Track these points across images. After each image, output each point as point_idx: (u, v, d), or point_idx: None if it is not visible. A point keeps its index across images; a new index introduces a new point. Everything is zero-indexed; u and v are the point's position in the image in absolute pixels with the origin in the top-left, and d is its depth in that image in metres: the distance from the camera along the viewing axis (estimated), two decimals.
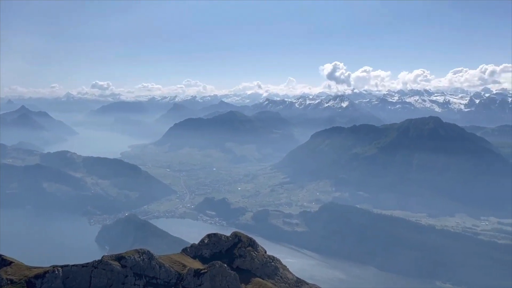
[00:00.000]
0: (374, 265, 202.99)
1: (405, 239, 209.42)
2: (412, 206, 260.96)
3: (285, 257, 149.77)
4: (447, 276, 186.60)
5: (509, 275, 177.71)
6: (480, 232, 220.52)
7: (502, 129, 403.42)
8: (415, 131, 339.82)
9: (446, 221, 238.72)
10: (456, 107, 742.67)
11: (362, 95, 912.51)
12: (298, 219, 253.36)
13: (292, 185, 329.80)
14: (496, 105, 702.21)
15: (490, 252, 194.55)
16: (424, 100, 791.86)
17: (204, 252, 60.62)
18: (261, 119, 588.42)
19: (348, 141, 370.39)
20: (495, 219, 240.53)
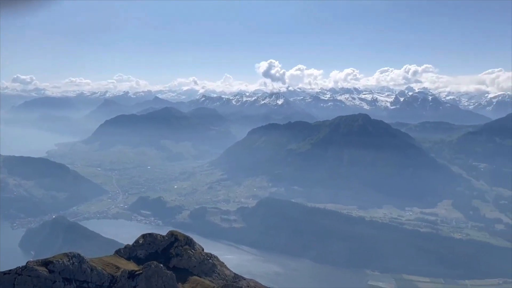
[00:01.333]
0: (309, 257, 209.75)
1: (337, 231, 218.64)
2: (344, 199, 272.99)
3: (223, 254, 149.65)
4: (375, 264, 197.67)
5: (430, 261, 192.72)
6: (405, 222, 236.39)
7: (423, 125, 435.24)
8: (345, 128, 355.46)
9: (375, 213, 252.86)
10: (383, 105, 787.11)
11: (297, 92, 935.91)
12: (236, 215, 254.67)
13: (229, 182, 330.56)
14: (418, 103, 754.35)
15: (414, 240, 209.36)
16: (354, 98, 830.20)
17: (139, 253, 58.66)
18: (197, 115, 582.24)
19: (283, 138, 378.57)
20: (418, 209, 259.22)
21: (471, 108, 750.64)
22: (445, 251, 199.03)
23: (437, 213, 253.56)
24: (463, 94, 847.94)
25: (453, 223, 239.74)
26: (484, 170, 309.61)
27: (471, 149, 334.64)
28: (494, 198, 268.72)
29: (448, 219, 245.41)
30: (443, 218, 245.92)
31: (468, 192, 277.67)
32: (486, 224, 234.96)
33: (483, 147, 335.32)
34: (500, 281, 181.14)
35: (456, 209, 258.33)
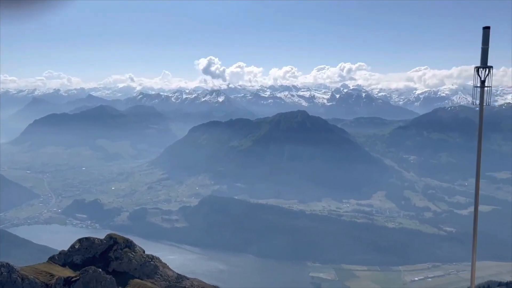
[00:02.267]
0: (253, 252, 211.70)
1: (279, 225, 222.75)
2: (285, 194, 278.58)
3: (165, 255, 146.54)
4: (316, 256, 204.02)
5: (367, 250, 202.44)
6: (343, 214, 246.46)
7: (358, 121, 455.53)
8: (285, 124, 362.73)
9: (315, 206, 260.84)
10: (320, 102, 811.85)
11: (237, 90, 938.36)
12: (178, 215, 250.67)
13: (170, 181, 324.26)
14: (352, 99, 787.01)
15: (351, 231, 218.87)
16: (293, 95, 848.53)
17: (75, 259, 55.54)
18: (135, 113, 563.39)
19: (225, 135, 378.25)
20: (355, 201, 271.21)
21: (401, 104, 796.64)
22: (380, 240, 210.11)
23: (372, 204, 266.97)
24: (393, 91, 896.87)
25: (387, 213, 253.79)
26: (413, 162, 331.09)
27: (402, 143, 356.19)
28: (423, 188, 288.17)
29: (382, 209, 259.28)
30: (378, 209, 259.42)
31: (399, 183, 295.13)
32: (416, 212, 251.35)
33: (412, 141, 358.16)
34: (430, 265, 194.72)
35: (389, 199, 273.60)
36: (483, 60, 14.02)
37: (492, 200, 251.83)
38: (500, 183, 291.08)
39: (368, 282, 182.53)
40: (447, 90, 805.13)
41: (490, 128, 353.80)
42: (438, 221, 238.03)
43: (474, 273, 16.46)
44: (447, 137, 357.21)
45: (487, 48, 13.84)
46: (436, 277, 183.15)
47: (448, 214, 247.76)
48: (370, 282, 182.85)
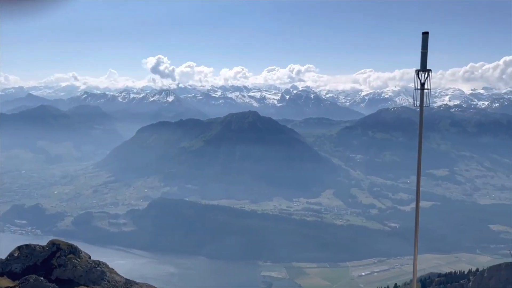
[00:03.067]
0: (204, 254, 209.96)
1: (231, 226, 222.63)
2: (237, 194, 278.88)
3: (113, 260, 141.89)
4: (267, 255, 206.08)
5: (317, 248, 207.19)
6: (293, 212, 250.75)
7: (307, 121, 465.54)
8: (236, 125, 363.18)
9: (266, 205, 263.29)
10: (270, 102, 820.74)
11: (187, 90, 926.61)
12: (126, 218, 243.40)
13: (117, 184, 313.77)
14: (302, 100, 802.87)
15: (301, 229, 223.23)
16: (244, 96, 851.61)
17: (15, 267, 52.22)
18: (79, 113, 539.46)
19: (175, 136, 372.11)
20: (305, 199, 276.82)
21: (348, 105, 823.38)
22: (329, 237, 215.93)
23: (321, 202, 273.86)
24: (340, 92, 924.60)
25: (335, 210, 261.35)
26: (359, 160, 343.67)
27: (349, 142, 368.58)
28: (369, 185, 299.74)
29: (331, 207, 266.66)
30: (327, 207, 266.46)
31: (347, 182, 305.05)
32: (362, 209, 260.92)
33: (358, 140, 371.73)
34: (376, 260, 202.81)
35: (337, 197, 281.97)
36: (422, 63, 14.65)
37: (432, 196, 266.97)
38: (439, 180, 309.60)
39: (317, 279, 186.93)
40: (391, 92, 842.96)
41: (430, 128, 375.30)
42: (383, 217, 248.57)
43: (416, 267, 17.23)
44: (390, 136, 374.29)
45: (426, 52, 14.48)
46: (382, 271, 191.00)
47: (392, 211, 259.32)
48: (320, 279, 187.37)
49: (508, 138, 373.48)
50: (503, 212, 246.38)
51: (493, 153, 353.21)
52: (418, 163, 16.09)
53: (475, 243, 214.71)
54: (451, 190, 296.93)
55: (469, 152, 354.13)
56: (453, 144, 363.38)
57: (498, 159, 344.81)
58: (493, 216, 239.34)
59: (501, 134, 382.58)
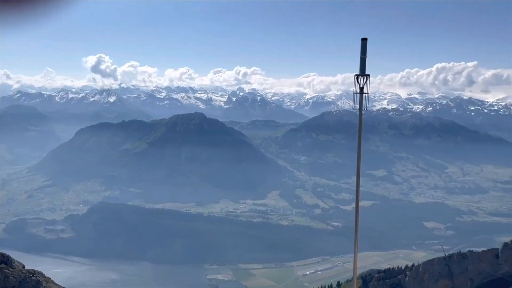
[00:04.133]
0: (148, 259, 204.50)
1: (176, 230, 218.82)
2: (183, 197, 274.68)
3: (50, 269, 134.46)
4: (214, 258, 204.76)
5: (263, 249, 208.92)
6: (240, 214, 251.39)
7: (253, 124, 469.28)
8: (182, 126, 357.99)
9: (212, 208, 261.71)
10: (217, 104, 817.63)
11: (130, 90, 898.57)
12: (64, 224, 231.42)
13: (54, 188, 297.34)
14: (248, 102, 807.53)
15: (248, 230, 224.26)
16: (190, 97, 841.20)
17: None
18: (11, 114, 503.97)
19: (117, 137, 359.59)
20: (251, 201, 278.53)
21: (293, 107, 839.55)
22: (275, 237, 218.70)
23: (267, 204, 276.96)
24: (286, 95, 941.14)
25: (281, 211, 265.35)
26: (304, 162, 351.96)
27: (293, 144, 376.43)
28: (313, 186, 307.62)
29: (277, 208, 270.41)
30: (272, 208, 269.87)
31: (292, 183, 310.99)
32: (307, 210, 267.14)
33: (302, 142, 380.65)
34: (319, 259, 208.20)
35: (283, 198, 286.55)
36: (361, 68, 15.13)
37: (371, 196, 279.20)
38: (378, 180, 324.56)
39: (263, 280, 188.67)
40: (333, 96, 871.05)
41: (369, 131, 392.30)
42: (326, 217, 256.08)
43: (356, 264, 17.82)
44: (333, 138, 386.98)
45: (365, 57, 14.99)
46: (325, 269, 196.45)
47: (335, 210, 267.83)
48: (266, 279, 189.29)
49: (440, 140, 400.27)
50: (436, 209, 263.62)
51: (427, 154, 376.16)
52: (358, 164, 16.68)
53: (411, 240, 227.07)
54: (389, 189, 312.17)
55: (405, 153, 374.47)
56: (390, 146, 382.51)
57: (431, 160, 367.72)
58: (427, 213, 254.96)
59: (434, 136, 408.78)
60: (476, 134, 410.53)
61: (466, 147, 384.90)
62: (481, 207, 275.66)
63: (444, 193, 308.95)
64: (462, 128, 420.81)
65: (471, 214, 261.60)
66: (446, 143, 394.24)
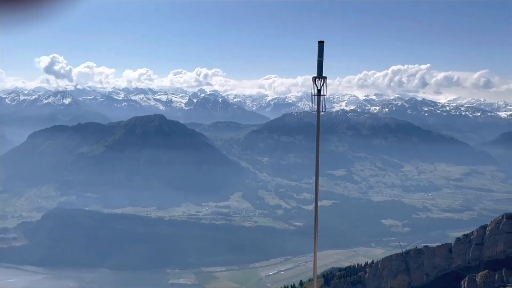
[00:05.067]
0: (108, 266, 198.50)
1: (136, 235, 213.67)
2: (143, 201, 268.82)
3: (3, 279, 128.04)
4: (176, 262, 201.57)
5: (226, 251, 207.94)
6: (202, 217, 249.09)
7: (215, 125, 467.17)
8: (141, 128, 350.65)
9: (174, 211, 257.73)
10: (178, 106, 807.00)
11: (86, 91, 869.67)
12: (16, 232, 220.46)
13: (6, 195, 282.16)
14: (210, 104, 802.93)
15: (210, 233, 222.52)
16: (149, 99, 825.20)
17: None
18: None
19: (73, 141, 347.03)
20: (214, 203, 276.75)
21: (254, 109, 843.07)
22: (238, 239, 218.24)
23: (230, 205, 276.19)
24: (247, 97, 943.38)
25: (244, 212, 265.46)
26: (266, 163, 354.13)
27: (256, 145, 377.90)
28: (275, 187, 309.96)
29: (239, 209, 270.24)
30: (235, 209, 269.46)
31: (254, 184, 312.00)
32: (269, 210, 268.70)
33: (264, 143, 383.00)
34: (282, 259, 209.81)
35: (246, 199, 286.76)
36: (319, 71, 15.25)
37: (331, 195, 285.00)
38: (338, 180, 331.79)
39: (226, 282, 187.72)
40: (294, 97, 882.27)
41: (329, 131, 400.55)
42: (289, 217, 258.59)
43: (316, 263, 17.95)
44: (294, 139, 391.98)
45: (322, 60, 15.11)
46: (288, 269, 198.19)
47: (296, 210, 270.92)
48: (229, 281, 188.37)
49: (396, 140, 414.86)
50: (393, 207, 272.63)
51: (384, 153, 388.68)
52: (316, 164, 16.81)
53: (370, 237, 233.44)
54: (349, 188, 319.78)
55: (363, 153, 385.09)
56: (349, 146, 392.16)
57: (388, 159, 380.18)
58: (384, 211, 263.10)
59: (390, 136, 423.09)
60: (429, 134, 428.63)
61: (420, 146, 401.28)
62: (435, 204, 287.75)
63: (401, 191, 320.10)
64: (416, 128, 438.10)
65: (426, 211, 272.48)
66: (401, 143, 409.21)
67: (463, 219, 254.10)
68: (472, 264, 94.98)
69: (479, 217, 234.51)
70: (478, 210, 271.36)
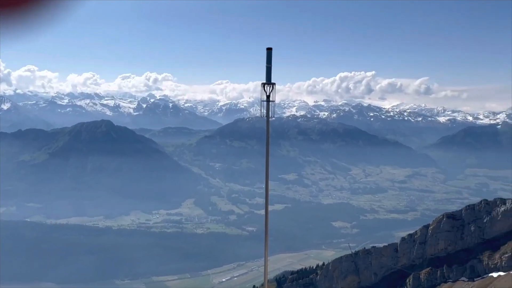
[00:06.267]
0: (52, 280, 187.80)
1: (83, 246, 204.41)
2: (90, 210, 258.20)
3: None
4: (125, 273, 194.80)
5: (177, 259, 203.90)
6: (153, 225, 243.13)
7: (166, 131, 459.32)
8: (87, 135, 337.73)
9: (123, 220, 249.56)
10: (126, 111, 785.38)
11: (27, 96, 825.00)
12: None
13: None
14: (160, 109, 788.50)
15: (161, 241, 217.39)
16: (95, 104, 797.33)
17: None
18: None
19: (12, 148, 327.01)
20: (165, 211, 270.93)
21: (206, 114, 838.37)
22: (189, 247, 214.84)
23: (182, 213, 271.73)
24: (199, 102, 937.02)
25: (196, 219, 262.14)
26: (219, 169, 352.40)
27: (208, 151, 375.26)
28: (228, 192, 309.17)
29: (191, 216, 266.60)
30: (187, 216, 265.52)
31: (207, 190, 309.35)
32: (222, 216, 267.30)
33: (217, 149, 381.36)
34: (235, 265, 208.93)
35: (198, 206, 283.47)
36: (267, 77, 15.39)
37: (283, 199, 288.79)
38: (289, 184, 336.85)
39: None
40: (246, 103, 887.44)
41: (280, 136, 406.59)
42: (241, 222, 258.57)
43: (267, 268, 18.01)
44: (246, 144, 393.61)
45: (270, 66, 15.28)
46: (241, 275, 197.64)
47: (249, 215, 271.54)
48: None
49: (345, 144, 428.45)
50: (342, 209, 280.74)
51: (333, 157, 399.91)
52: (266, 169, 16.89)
53: (321, 240, 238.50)
54: (300, 192, 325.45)
55: (313, 157, 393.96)
56: (300, 151, 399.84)
57: (337, 163, 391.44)
58: (334, 214, 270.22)
59: (338, 141, 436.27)
60: (375, 138, 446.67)
61: (367, 150, 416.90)
62: (382, 205, 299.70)
63: (349, 193, 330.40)
64: (363, 133, 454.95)
65: (373, 212, 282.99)
66: (349, 147, 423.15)
67: (407, 219, 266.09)
68: (416, 262, 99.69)
69: (422, 217, 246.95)
70: (421, 210, 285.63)
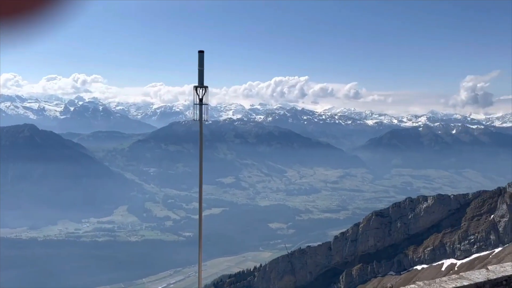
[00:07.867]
0: None
1: (4, 259, 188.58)
2: (11, 221, 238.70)
3: None
4: (53, 286, 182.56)
5: (110, 269, 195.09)
6: (82, 235, 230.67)
7: (96, 135, 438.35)
8: (8, 140, 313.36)
9: (49, 231, 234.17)
10: (52, 114, 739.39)
11: None
12: None
13: None
14: (89, 112, 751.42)
15: (92, 251, 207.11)
16: (17, 107, 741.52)
17: None
18: None
19: None
20: (95, 219, 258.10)
21: (139, 117, 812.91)
22: (123, 255, 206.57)
23: (114, 220, 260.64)
24: (131, 105, 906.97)
25: (129, 227, 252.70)
26: (153, 174, 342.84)
27: (142, 156, 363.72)
28: (163, 198, 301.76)
29: (125, 224, 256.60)
30: (120, 224, 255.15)
31: (141, 196, 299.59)
32: (157, 223, 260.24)
33: (151, 153, 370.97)
34: (172, 271, 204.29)
35: (132, 213, 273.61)
36: (200, 80, 15.21)
37: (221, 203, 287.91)
38: (227, 187, 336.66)
39: None
40: (181, 106, 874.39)
41: (217, 140, 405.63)
42: (178, 228, 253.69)
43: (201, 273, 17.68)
44: (182, 148, 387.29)
45: (202, 69, 15.10)
46: (178, 281, 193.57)
47: (186, 220, 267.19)
48: None
49: (280, 147, 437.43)
50: (278, 211, 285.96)
51: (269, 160, 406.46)
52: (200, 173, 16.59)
53: (258, 242, 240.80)
54: (237, 195, 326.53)
55: (250, 160, 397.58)
56: (237, 154, 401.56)
57: (273, 165, 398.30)
58: (271, 215, 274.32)
59: (274, 143, 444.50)
60: (308, 141, 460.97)
61: (301, 152, 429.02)
62: (316, 205, 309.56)
63: (285, 195, 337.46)
64: (297, 136, 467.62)
65: (307, 213, 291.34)
66: (284, 149, 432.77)
67: (340, 218, 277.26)
68: (348, 259, 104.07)
69: (353, 216, 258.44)
70: (352, 209, 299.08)
